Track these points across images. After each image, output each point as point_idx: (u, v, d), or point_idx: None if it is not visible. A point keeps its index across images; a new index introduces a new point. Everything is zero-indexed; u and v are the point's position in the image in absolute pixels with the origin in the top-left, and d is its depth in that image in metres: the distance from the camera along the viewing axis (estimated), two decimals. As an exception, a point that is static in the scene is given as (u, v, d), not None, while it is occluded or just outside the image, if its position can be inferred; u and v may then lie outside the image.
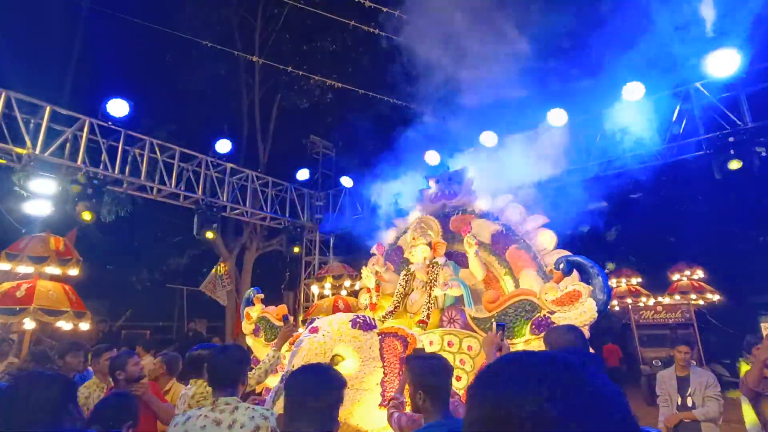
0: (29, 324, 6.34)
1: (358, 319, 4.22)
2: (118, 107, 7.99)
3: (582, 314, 3.74)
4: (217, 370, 2.61)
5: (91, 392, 3.97)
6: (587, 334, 3.73)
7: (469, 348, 4.11)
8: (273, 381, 4.88)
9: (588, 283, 3.86)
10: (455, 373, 4.05)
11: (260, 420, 2.45)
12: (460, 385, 3.94)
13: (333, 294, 10.29)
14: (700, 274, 14.09)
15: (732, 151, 5.97)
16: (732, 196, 12.08)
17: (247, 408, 2.52)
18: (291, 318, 4.18)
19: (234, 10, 13.48)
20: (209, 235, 9.57)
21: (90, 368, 4.76)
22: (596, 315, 3.73)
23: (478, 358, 4.04)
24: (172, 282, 16.68)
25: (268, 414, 2.57)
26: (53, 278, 6.97)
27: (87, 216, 7.55)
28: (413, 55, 8.74)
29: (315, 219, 12.09)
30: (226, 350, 2.70)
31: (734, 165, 5.95)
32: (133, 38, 11.70)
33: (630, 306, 13.08)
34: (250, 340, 5.92)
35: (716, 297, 13.68)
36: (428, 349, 4.09)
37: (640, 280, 15.35)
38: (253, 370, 3.71)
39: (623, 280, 15.30)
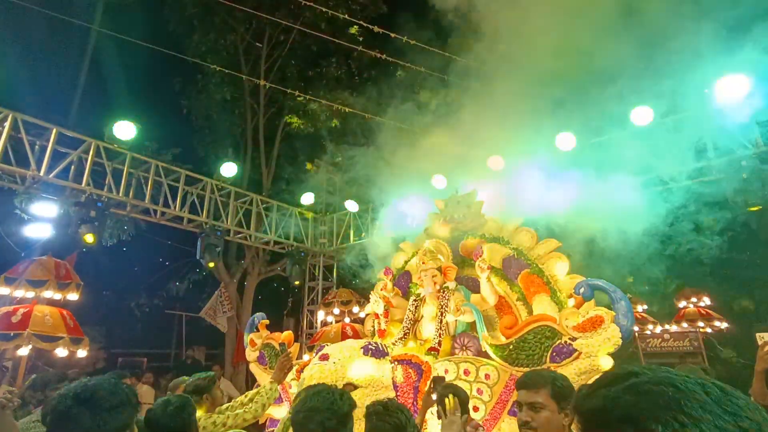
0: (23, 350, 6.15)
1: (370, 346, 4.07)
2: (124, 130, 7.98)
3: (605, 341, 3.58)
4: (156, 426, 2.36)
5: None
6: (611, 362, 3.57)
7: (487, 376, 3.92)
8: (278, 411, 4.67)
9: (610, 308, 3.73)
10: (472, 403, 3.87)
11: None
12: (478, 416, 3.74)
13: (337, 321, 10.06)
14: (706, 300, 13.86)
15: (744, 175, 5.92)
16: (737, 220, 12.02)
17: None
18: (289, 347, 3.94)
19: (240, 36, 13.70)
20: (210, 264, 9.41)
21: None
22: (620, 341, 3.57)
23: (496, 387, 3.86)
24: (171, 308, 16.41)
25: None
26: (52, 303, 6.81)
27: (90, 239, 7.42)
28: (419, 78, 8.83)
29: (319, 244, 11.95)
30: (166, 405, 2.39)
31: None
32: (140, 62, 11.84)
33: (637, 334, 12.81)
34: (253, 368, 5.70)
35: (724, 325, 13.42)
36: (444, 378, 3.91)
37: (646, 306, 15.06)
38: (250, 405, 3.46)
39: (629, 306, 15.01)
